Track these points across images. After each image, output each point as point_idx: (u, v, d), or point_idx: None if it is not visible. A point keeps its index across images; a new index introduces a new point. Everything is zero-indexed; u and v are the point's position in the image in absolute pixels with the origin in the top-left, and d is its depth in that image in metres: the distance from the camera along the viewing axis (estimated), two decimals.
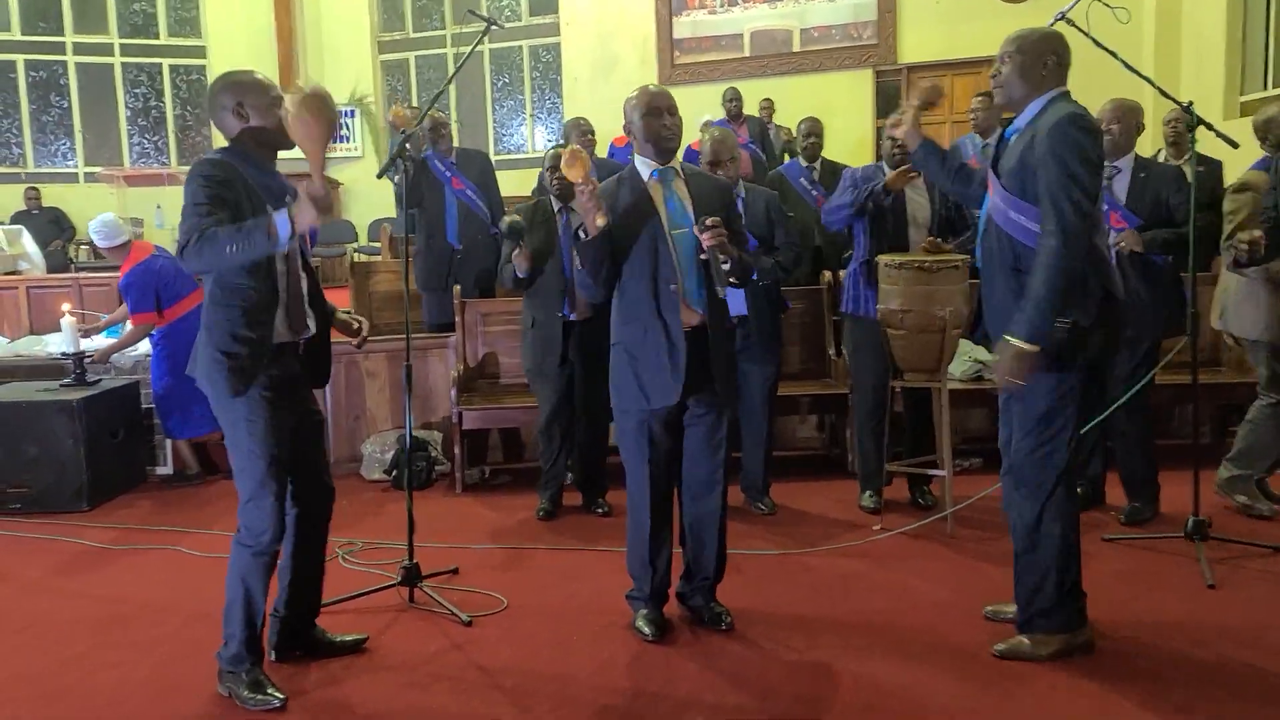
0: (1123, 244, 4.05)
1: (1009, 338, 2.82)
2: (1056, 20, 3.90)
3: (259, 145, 2.88)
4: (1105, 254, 3.03)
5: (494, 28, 3.92)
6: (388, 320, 6.34)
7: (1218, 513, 3.96)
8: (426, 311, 5.98)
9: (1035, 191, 2.83)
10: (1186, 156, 4.87)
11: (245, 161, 2.84)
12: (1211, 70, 9.38)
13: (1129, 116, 4.11)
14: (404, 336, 3.78)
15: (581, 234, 3.10)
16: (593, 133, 6.20)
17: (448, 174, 5.69)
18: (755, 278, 4.40)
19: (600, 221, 3.01)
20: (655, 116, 3.17)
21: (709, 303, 3.21)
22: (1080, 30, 3.80)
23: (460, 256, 5.76)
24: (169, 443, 5.69)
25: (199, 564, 4.25)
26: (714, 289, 3.20)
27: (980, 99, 6.39)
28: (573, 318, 4.56)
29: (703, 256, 3.12)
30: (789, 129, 9.30)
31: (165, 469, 5.77)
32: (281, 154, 2.95)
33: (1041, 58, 2.95)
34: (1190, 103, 3.85)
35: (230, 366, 2.81)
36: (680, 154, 3.34)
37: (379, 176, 3.72)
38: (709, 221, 3.08)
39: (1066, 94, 2.98)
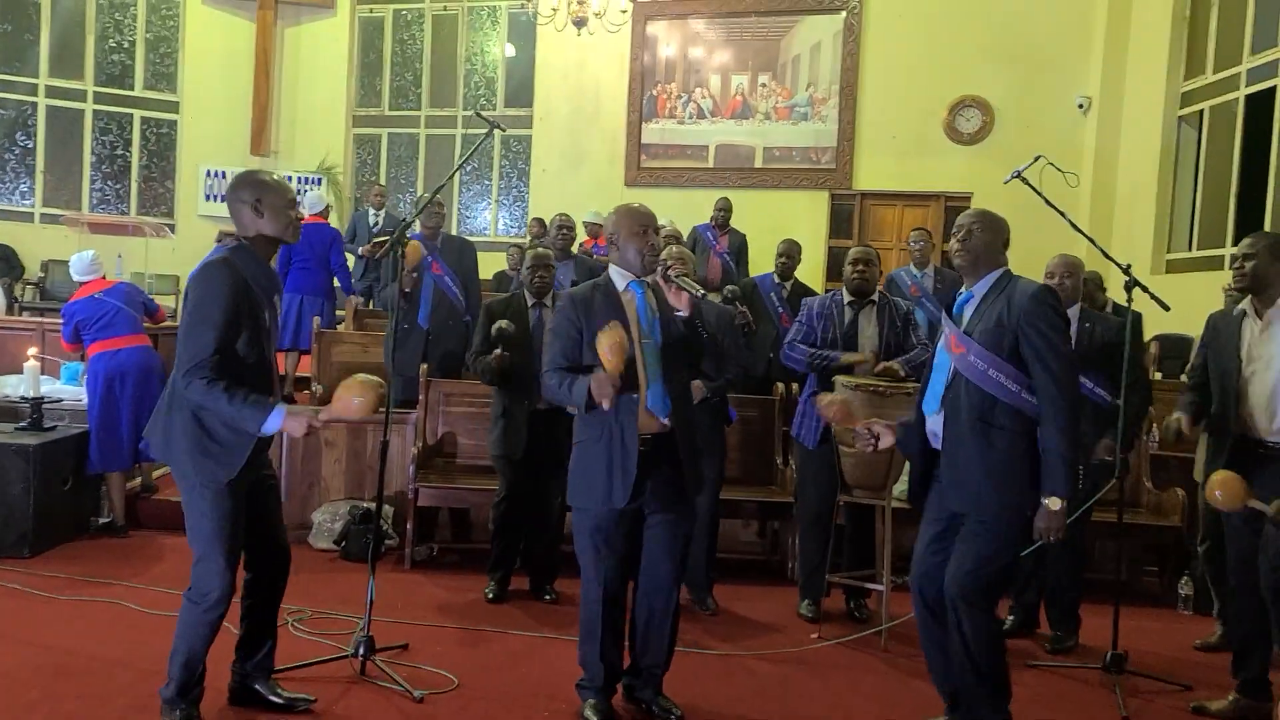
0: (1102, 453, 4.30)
1: (1052, 500, 3.05)
2: (1012, 178, 4.27)
3: (267, 243, 3.14)
4: None
5: (498, 130, 4.15)
6: None
7: (1133, 650, 4.19)
8: (391, 387, 6.08)
9: (1010, 350, 3.09)
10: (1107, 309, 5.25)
11: (250, 259, 3.09)
12: (1142, 229, 10.04)
13: (1078, 271, 4.47)
14: None
15: (588, 399, 3.21)
16: (572, 228, 6.45)
17: (429, 258, 5.86)
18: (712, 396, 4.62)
19: (607, 405, 3.18)
20: (641, 235, 3.40)
21: (674, 410, 3.37)
22: (1033, 189, 4.16)
23: (429, 339, 5.89)
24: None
25: (144, 619, 4.26)
26: (678, 397, 3.36)
27: (919, 232, 6.81)
28: (540, 405, 4.73)
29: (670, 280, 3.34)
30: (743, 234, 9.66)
31: (107, 520, 5.74)
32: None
33: (1000, 235, 3.29)
34: (1129, 265, 4.19)
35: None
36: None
37: (377, 258, 3.89)
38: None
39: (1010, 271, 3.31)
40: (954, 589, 3.14)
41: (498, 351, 4.68)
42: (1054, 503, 3.05)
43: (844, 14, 11.58)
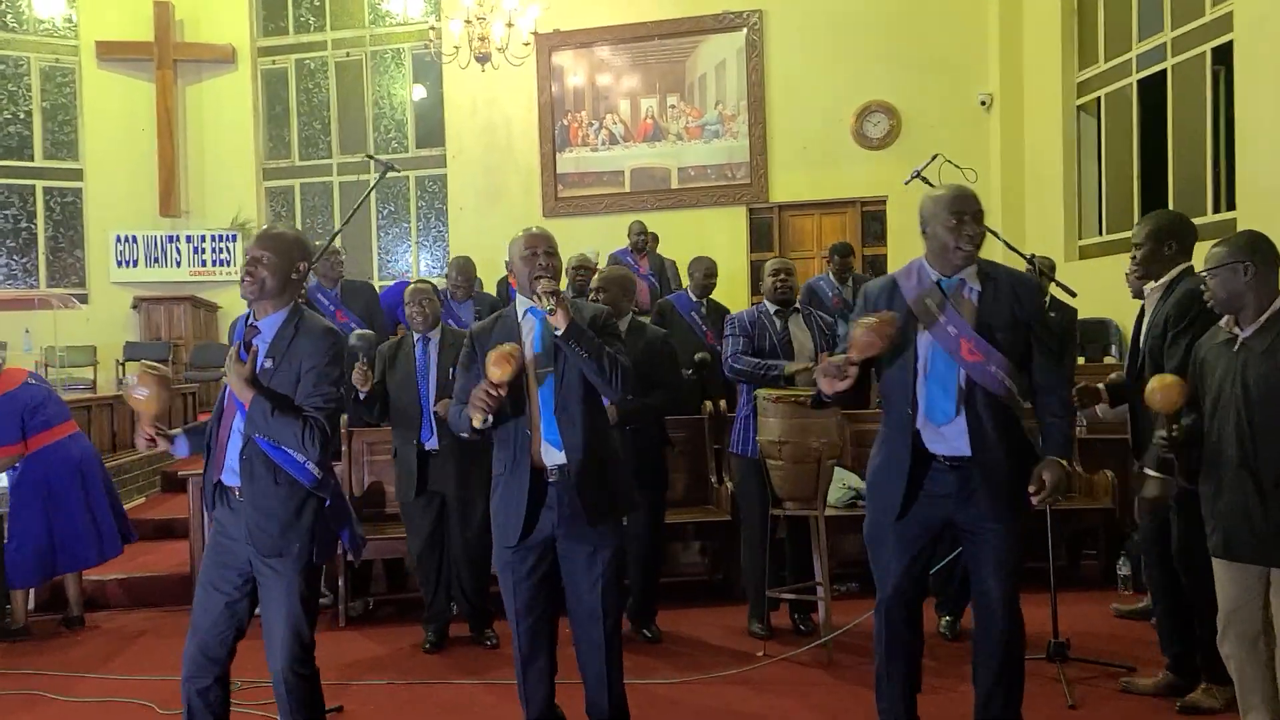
0: None
1: (1060, 459, 3.03)
2: (912, 178, 4.31)
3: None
4: None
5: (391, 172, 4.08)
6: None
7: (1076, 635, 4.21)
8: None
9: (1024, 352, 3.03)
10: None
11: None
12: (1052, 218, 10.24)
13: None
14: None
15: (471, 423, 3.07)
16: (469, 282, 6.24)
17: (332, 308, 5.74)
18: (627, 423, 4.50)
19: (478, 422, 3.02)
20: (531, 258, 3.18)
21: (579, 439, 3.19)
22: (933, 187, 4.20)
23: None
24: None
25: (62, 708, 4.07)
26: (580, 426, 3.19)
27: (840, 258, 7.01)
28: (429, 446, 4.65)
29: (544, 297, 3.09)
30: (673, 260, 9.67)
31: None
32: None
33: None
34: (1034, 255, 4.25)
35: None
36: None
37: None
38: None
39: None
40: (1003, 604, 3.06)
41: (358, 363, 4.51)
42: (1064, 462, 3.06)
43: (744, 30, 11.69)
